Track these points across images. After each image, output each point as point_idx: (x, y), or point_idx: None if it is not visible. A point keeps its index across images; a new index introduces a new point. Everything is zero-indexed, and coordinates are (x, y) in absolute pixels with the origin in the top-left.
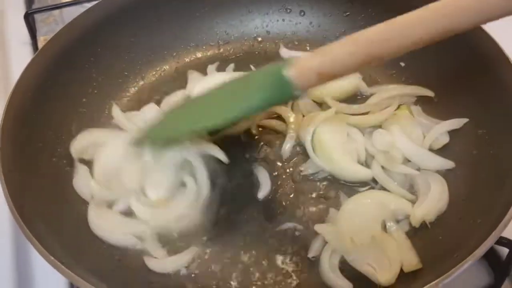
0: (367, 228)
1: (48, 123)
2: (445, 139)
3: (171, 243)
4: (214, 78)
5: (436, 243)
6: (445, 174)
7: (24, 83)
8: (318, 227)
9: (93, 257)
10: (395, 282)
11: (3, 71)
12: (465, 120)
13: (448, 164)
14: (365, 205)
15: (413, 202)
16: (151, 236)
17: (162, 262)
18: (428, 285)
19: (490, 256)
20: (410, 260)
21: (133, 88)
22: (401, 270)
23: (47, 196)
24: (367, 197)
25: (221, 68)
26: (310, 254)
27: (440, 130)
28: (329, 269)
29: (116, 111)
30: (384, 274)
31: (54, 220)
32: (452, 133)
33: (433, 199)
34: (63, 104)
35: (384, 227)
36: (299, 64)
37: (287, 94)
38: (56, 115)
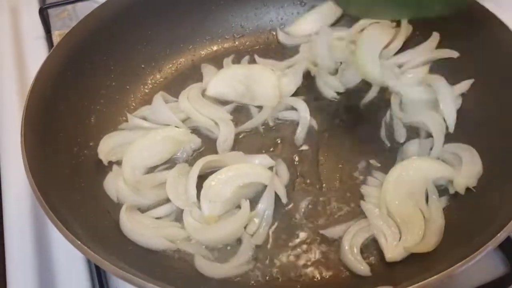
0: (411, 199)
1: (68, 114)
2: (458, 104)
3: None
4: (230, 70)
5: (460, 223)
6: None
7: (44, 75)
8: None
9: (115, 241)
10: (418, 262)
11: (19, 66)
12: (471, 80)
13: None
14: (408, 175)
15: None
16: (184, 240)
17: (215, 267)
18: (448, 270)
19: (506, 245)
20: (429, 241)
21: (150, 81)
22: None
23: (69, 185)
24: (409, 167)
25: (236, 61)
26: (324, 231)
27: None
28: (349, 250)
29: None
30: (391, 250)
31: (78, 208)
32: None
33: (469, 164)
34: (82, 95)
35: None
36: None
37: None
38: (76, 106)
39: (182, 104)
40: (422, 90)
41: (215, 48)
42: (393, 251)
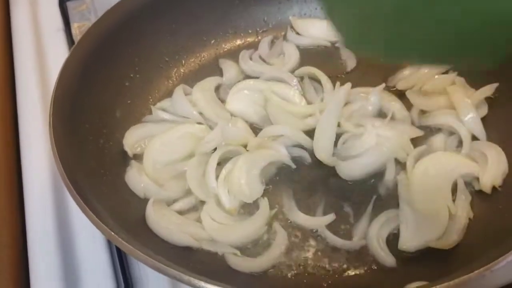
0: (437, 194)
1: (93, 106)
2: (484, 111)
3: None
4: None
5: (489, 219)
6: None
7: (70, 67)
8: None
9: (142, 233)
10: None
11: (40, 57)
12: (495, 84)
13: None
14: (435, 169)
15: None
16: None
17: (247, 261)
18: (487, 266)
19: None
20: (449, 238)
21: (174, 74)
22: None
23: (96, 177)
24: (436, 162)
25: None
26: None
27: (479, 97)
28: (376, 241)
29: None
30: (407, 240)
31: (106, 199)
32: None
33: (494, 163)
34: (106, 88)
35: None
36: None
37: None
38: (101, 98)
39: (195, 96)
40: (443, 99)
41: (238, 42)
42: (408, 241)
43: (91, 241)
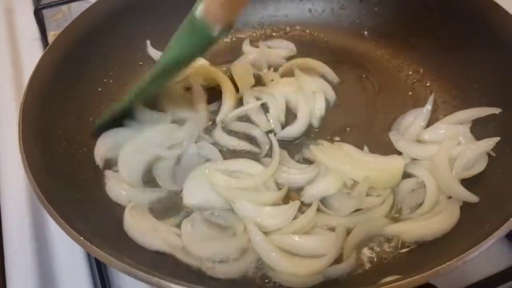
0: None
1: (65, 112)
2: (482, 166)
3: None
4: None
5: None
6: None
7: (40, 72)
8: None
9: (121, 239)
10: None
11: (15, 67)
12: (496, 138)
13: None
14: None
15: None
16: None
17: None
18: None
19: None
20: None
21: None
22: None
23: (69, 183)
24: None
25: None
26: None
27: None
28: None
29: None
30: None
31: (80, 205)
32: None
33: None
34: (79, 93)
35: None
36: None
37: (204, 35)
38: (74, 103)
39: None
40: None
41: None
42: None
43: (70, 253)
